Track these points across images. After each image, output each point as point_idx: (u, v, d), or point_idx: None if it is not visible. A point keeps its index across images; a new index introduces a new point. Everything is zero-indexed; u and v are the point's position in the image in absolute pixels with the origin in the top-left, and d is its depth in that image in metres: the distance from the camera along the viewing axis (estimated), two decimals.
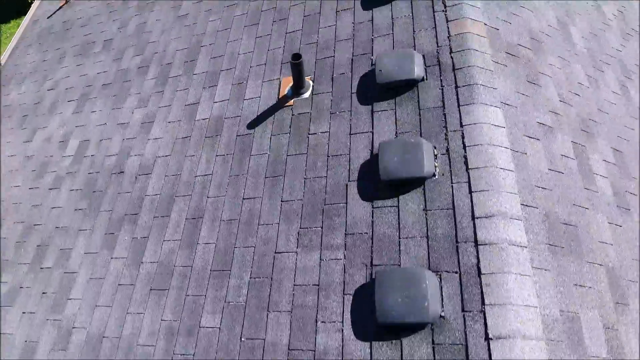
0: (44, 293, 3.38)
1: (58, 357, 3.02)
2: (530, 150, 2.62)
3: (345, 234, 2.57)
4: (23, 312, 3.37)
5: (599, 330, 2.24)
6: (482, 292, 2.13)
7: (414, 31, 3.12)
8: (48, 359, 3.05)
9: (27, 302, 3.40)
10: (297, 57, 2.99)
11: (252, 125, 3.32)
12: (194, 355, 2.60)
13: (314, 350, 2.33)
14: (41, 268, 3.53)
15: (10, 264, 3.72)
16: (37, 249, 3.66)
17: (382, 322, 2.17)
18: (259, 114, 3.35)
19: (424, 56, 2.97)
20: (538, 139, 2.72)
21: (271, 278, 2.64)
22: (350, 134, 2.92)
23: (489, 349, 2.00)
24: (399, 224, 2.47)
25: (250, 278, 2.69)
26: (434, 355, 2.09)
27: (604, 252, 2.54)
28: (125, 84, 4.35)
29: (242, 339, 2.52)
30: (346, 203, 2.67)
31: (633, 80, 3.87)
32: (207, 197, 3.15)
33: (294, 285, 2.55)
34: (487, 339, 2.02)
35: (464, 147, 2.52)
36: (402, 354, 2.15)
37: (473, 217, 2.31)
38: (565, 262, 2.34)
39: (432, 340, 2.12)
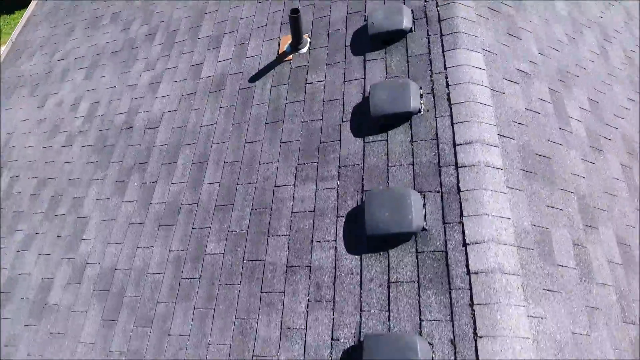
0: (58, 236, 3.61)
1: (72, 290, 3.25)
2: (508, 91, 2.86)
3: (339, 166, 2.81)
4: (39, 254, 3.61)
5: (568, 246, 2.47)
6: (460, 206, 2.36)
7: None
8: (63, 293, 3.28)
9: (42, 246, 3.64)
10: (295, 11, 3.22)
11: (254, 79, 3.56)
12: (199, 278, 2.84)
13: (310, 266, 2.56)
14: (55, 215, 3.76)
15: (25, 214, 3.95)
16: (51, 199, 3.90)
17: (371, 234, 2.40)
18: (259, 69, 3.59)
19: (412, 10, 3.20)
20: (516, 83, 2.95)
21: (271, 208, 2.87)
22: (344, 81, 3.15)
23: (466, 254, 2.23)
24: (387, 155, 2.70)
25: (251, 210, 2.93)
26: (418, 263, 2.32)
27: (575, 182, 2.77)
28: (133, 51, 4.59)
29: (244, 261, 2.76)
30: (340, 140, 2.91)
31: (612, 44, 4.11)
32: (212, 144, 3.38)
33: (292, 212, 2.79)
34: (465, 244, 2.25)
35: (447, 86, 2.76)
36: (389, 263, 2.38)
37: (454, 145, 2.55)
38: (538, 186, 2.57)
39: (416, 250, 2.35)
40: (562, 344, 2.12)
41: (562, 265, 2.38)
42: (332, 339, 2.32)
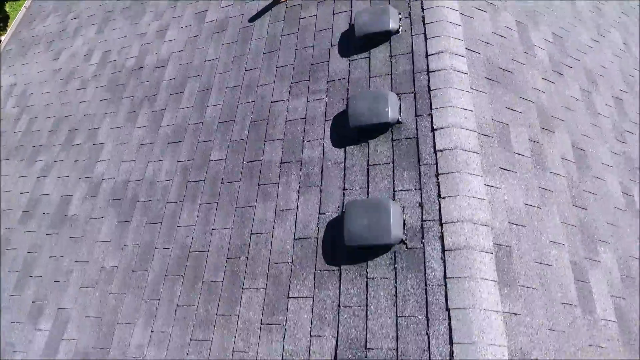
0: (75, 161, 3.99)
1: (90, 202, 3.62)
2: (477, 16, 3.24)
3: (327, 81, 3.19)
4: (58, 178, 3.98)
5: (525, 140, 2.84)
6: (430, 102, 2.73)
7: None
8: (81, 206, 3.66)
9: (61, 171, 4.01)
10: None
11: (253, 19, 3.94)
12: (204, 180, 3.21)
13: (301, 161, 2.94)
14: (72, 145, 4.14)
15: (44, 147, 4.33)
16: (68, 133, 4.27)
17: (354, 126, 2.78)
18: (258, 11, 3.97)
19: None
20: (485, 12, 3.33)
21: (267, 119, 3.25)
22: (333, 14, 3.53)
23: (433, 137, 2.61)
24: (369, 68, 3.08)
25: (250, 122, 3.30)
26: (393, 148, 2.69)
27: (535, 95, 3.15)
28: (142, 5, 4.97)
29: (244, 163, 3.13)
30: (328, 61, 3.29)
31: None
32: (215, 74, 3.76)
33: (286, 121, 3.16)
34: (432, 130, 2.62)
35: (422, 10, 3.14)
36: (368, 152, 2.75)
37: (427, 55, 2.92)
38: (500, 92, 2.94)
39: (392, 138, 2.73)
40: (513, 210, 2.49)
41: (518, 154, 2.75)
42: (319, 214, 2.69)
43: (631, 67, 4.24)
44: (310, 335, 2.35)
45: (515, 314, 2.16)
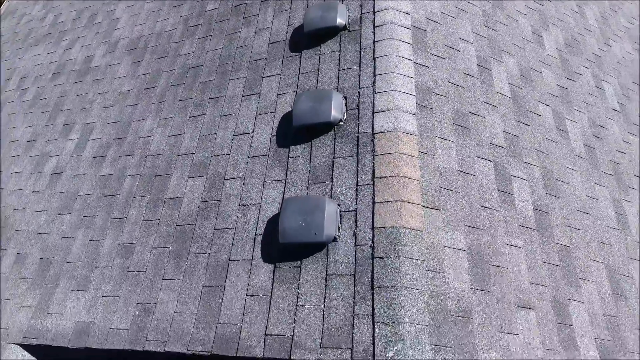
0: (96, 33, 4.84)
1: (109, 56, 4.47)
2: None
3: None
4: (81, 46, 4.83)
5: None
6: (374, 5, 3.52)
7: None
8: (103, 64, 4.50)
9: (84, 41, 4.86)
10: None
11: None
12: (202, 23, 4.05)
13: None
14: (93, 24, 4.99)
15: (69, 30, 5.18)
16: (88, 18, 5.13)
17: (308, 32, 3.53)
18: None
19: None
20: None
21: None
22: None
23: (374, 27, 3.40)
24: None
25: None
26: (340, 45, 3.40)
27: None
28: None
29: (232, 7, 3.97)
30: None
31: None
32: None
33: None
34: (374, 26, 3.43)
35: None
36: (320, 50, 3.54)
37: None
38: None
39: (340, 38, 3.41)
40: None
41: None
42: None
43: None
44: (280, 93, 3.17)
45: (426, 66, 2.98)
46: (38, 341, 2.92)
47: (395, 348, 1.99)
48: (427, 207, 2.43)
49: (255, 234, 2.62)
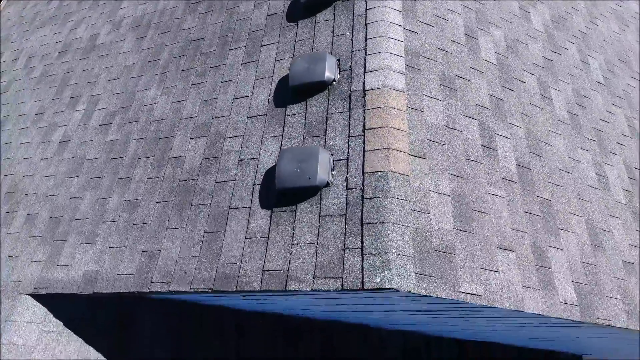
0: (101, 13, 5.02)
1: (114, 33, 4.65)
2: None
3: None
4: (87, 26, 5.01)
5: None
6: None
7: None
8: (108, 41, 4.68)
9: (89, 20, 5.04)
10: None
11: None
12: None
13: None
14: (98, 5, 5.17)
15: (74, 12, 5.36)
16: (92, 2, 5.32)
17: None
18: None
19: None
20: None
21: None
22: None
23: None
24: None
25: None
26: (334, 14, 3.65)
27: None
28: None
29: None
30: None
31: None
32: None
33: None
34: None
35: None
36: (315, 20, 3.74)
37: None
38: None
39: (334, 8, 3.67)
40: None
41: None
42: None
43: None
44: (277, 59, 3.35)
45: (415, 32, 3.15)
46: (48, 290, 3.08)
47: (382, 274, 2.16)
48: (414, 156, 2.60)
49: (254, 184, 2.79)
